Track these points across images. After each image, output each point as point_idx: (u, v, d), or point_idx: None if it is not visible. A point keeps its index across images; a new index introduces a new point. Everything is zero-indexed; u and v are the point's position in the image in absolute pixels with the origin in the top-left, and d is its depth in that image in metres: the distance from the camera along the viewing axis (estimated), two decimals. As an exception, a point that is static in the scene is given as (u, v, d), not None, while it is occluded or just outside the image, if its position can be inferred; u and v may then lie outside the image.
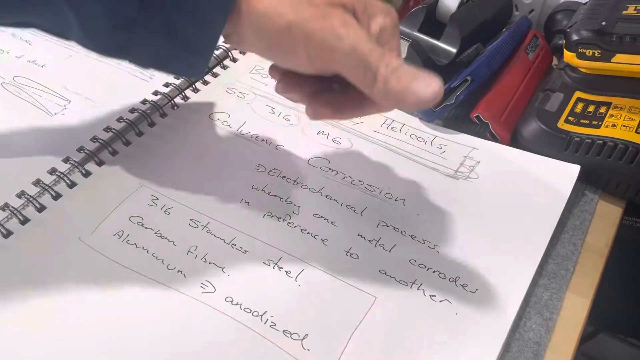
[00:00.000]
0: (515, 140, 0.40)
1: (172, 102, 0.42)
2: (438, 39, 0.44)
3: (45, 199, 0.35)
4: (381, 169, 0.39)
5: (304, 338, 0.30)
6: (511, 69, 0.43)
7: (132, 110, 0.41)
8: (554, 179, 0.37)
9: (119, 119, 0.40)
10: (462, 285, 0.32)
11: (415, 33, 0.44)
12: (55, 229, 0.34)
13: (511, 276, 0.33)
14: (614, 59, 0.37)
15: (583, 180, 0.38)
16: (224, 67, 0.46)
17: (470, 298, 0.32)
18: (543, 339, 0.30)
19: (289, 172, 0.38)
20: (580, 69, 0.40)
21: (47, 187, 0.35)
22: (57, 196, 0.35)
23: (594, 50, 0.38)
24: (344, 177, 0.38)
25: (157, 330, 0.30)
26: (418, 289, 0.32)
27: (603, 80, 0.39)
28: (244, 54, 0.47)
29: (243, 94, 0.44)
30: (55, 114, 0.40)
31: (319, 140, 0.40)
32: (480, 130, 0.41)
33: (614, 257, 0.44)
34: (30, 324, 0.30)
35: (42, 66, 0.44)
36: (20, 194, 0.35)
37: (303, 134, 0.41)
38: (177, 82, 0.43)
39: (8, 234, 0.33)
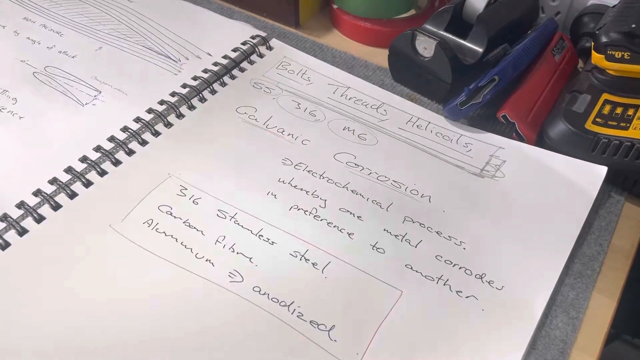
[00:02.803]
0: (541, 141, 0.40)
1: (200, 95, 0.42)
2: (464, 38, 0.44)
3: (77, 187, 0.36)
4: (407, 166, 0.39)
5: (330, 329, 0.30)
6: (537, 70, 0.43)
7: (161, 102, 0.41)
8: (580, 180, 0.37)
9: (149, 110, 0.40)
10: (489, 282, 0.32)
11: (442, 32, 0.44)
12: (86, 215, 0.34)
13: (538, 274, 0.33)
14: (643, 62, 0.37)
15: (609, 181, 0.38)
16: (251, 62, 0.46)
17: (496, 295, 0.32)
18: (569, 337, 0.30)
19: (315, 167, 0.38)
20: (608, 71, 0.40)
21: (78, 175, 0.36)
22: (87, 184, 0.36)
23: (623, 53, 0.38)
24: (370, 173, 0.38)
25: (184, 316, 0.30)
26: (444, 285, 0.32)
27: (631, 82, 0.39)
28: (271, 49, 0.47)
29: (269, 88, 0.44)
30: (86, 103, 0.41)
31: (345, 136, 0.41)
32: (506, 130, 0.41)
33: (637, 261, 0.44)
34: (63, 305, 0.30)
35: (73, 57, 0.45)
36: (52, 181, 0.35)
37: (329, 130, 0.41)
38: (205, 75, 0.44)
39: (40, 219, 0.34)
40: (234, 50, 0.46)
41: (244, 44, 0.47)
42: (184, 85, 0.43)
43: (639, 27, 0.38)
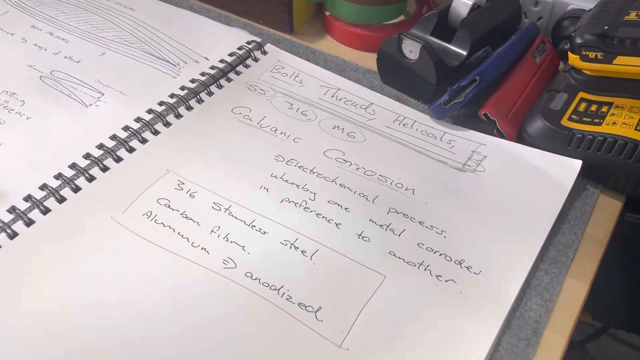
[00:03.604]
0: (520, 137, 0.42)
1: (198, 96, 0.45)
2: (449, 42, 0.46)
3: (80, 181, 0.38)
4: (393, 162, 0.41)
5: (317, 310, 0.32)
6: (518, 71, 0.45)
7: (160, 103, 0.44)
8: (556, 173, 0.39)
9: (149, 111, 0.43)
10: (467, 267, 0.34)
11: (427, 36, 0.47)
12: (89, 208, 0.37)
13: (514, 260, 0.35)
14: (615, 61, 0.39)
15: (585, 175, 0.40)
16: (246, 66, 0.48)
17: (474, 279, 0.34)
18: (542, 318, 0.32)
19: (306, 162, 0.41)
20: (584, 71, 0.42)
21: (82, 171, 0.38)
22: (91, 178, 0.38)
23: (596, 53, 0.40)
24: (358, 168, 0.40)
25: (181, 300, 0.32)
26: (425, 270, 0.34)
27: (605, 81, 0.41)
28: (266, 54, 0.50)
29: (264, 90, 0.46)
30: (90, 105, 0.43)
31: (335, 134, 0.43)
32: (488, 128, 0.43)
33: (617, 254, 0.46)
34: (67, 290, 0.32)
35: (77, 62, 0.47)
36: (58, 176, 0.38)
37: (320, 128, 0.43)
38: (203, 78, 0.46)
39: (46, 211, 0.36)
40: (230, 54, 0.48)
41: (239, 48, 0.49)
42: (183, 88, 0.45)
43: (611, 29, 0.40)
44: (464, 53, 0.46)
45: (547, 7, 0.51)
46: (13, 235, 0.35)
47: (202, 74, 0.46)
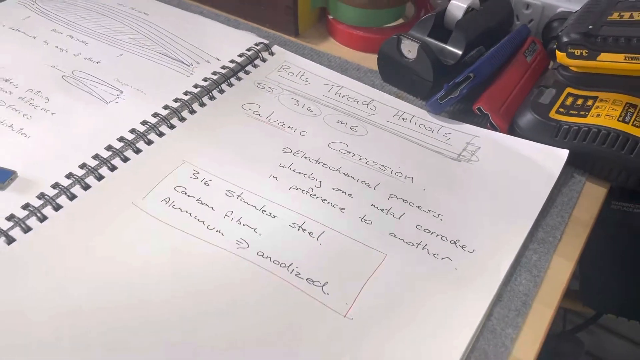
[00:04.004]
0: (512, 130, 0.45)
1: (210, 94, 0.48)
2: (445, 42, 0.50)
3: (103, 171, 0.41)
4: (393, 152, 0.44)
5: (324, 285, 0.35)
6: (510, 69, 0.48)
7: (175, 100, 0.47)
8: (545, 162, 0.42)
9: (165, 107, 0.46)
10: (462, 247, 0.37)
11: (425, 37, 0.50)
12: (112, 194, 0.40)
13: (505, 240, 0.37)
14: (599, 58, 0.42)
15: (572, 164, 0.43)
16: (255, 66, 0.51)
17: (468, 257, 0.36)
18: (531, 292, 0.35)
19: (312, 154, 0.44)
20: (571, 68, 0.45)
21: (104, 161, 0.41)
22: (113, 168, 0.41)
23: (581, 50, 0.43)
24: (360, 159, 0.43)
25: (198, 277, 0.35)
26: (423, 249, 0.37)
27: (590, 77, 0.44)
28: (273, 54, 0.53)
29: (272, 88, 0.49)
30: (110, 102, 0.46)
31: (339, 128, 0.46)
32: (482, 121, 0.46)
33: (604, 240, 0.49)
34: (92, 269, 0.35)
35: (97, 62, 0.50)
36: (82, 166, 0.41)
37: (324, 123, 0.46)
38: (215, 77, 0.49)
39: (73, 197, 0.39)
40: (240, 55, 0.52)
41: (248, 50, 0.52)
42: (196, 86, 0.48)
43: (595, 28, 0.43)
44: (459, 52, 0.49)
45: (537, 9, 0.54)
46: (43, 218, 0.37)
47: (214, 73, 0.50)
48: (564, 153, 0.42)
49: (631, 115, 0.41)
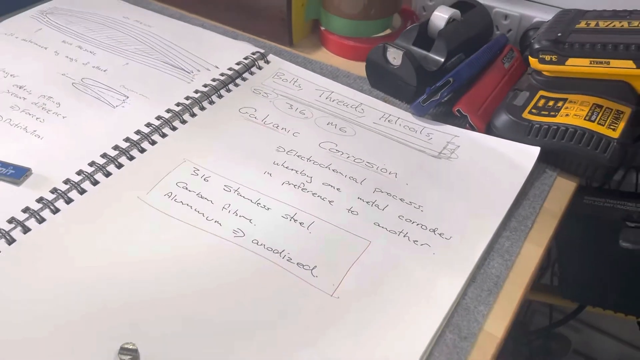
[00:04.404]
0: (489, 130, 0.49)
1: (210, 98, 0.51)
2: (429, 50, 0.53)
3: (111, 168, 0.44)
4: (378, 151, 0.47)
5: (313, 268, 0.38)
6: (488, 75, 0.52)
7: (177, 104, 0.50)
8: (518, 158, 0.46)
9: (167, 110, 0.49)
10: (440, 234, 0.40)
11: (409, 46, 0.54)
12: (119, 189, 0.43)
13: (480, 228, 0.41)
14: (567, 62, 0.46)
15: (544, 160, 0.46)
16: (251, 73, 0.55)
17: (445, 243, 0.40)
18: (502, 274, 0.38)
19: (304, 152, 0.47)
20: (543, 72, 0.49)
21: (112, 159, 0.45)
22: (119, 166, 0.45)
23: (551, 56, 0.47)
24: (348, 157, 0.47)
25: (198, 263, 0.38)
26: (404, 236, 0.40)
27: (561, 81, 0.48)
28: (268, 63, 0.57)
29: (267, 94, 0.53)
30: (116, 106, 0.50)
31: (329, 129, 0.49)
32: (461, 122, 0.50)
33: (578, 233, 0.52)
34: (99, 259, 0.38)
35: (104, 71, 0.54)
36: (91, 163, 0.44)
37: (315, 125, 0.50)
38: (214, 83, 0.53)
39: (83, 191, 0.42)
40: (237, 63, 0.55)
41: (245, 58, 0.56)
42: (196, 91, 0.52)
43: (564, 35, 0.46)
44: (442, 60, 0.52)
45: (515, 20, 0.58)
46: (55, 211, 0.41)
47: (213, 80, 0.53)
48: (536, 150, 0.46)
49: (597, 115, 0.45)
